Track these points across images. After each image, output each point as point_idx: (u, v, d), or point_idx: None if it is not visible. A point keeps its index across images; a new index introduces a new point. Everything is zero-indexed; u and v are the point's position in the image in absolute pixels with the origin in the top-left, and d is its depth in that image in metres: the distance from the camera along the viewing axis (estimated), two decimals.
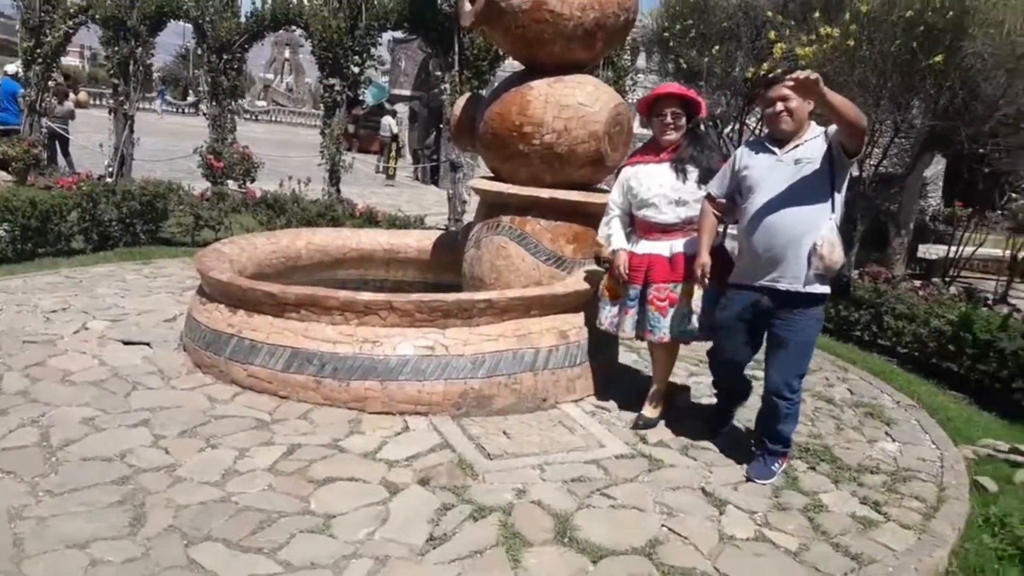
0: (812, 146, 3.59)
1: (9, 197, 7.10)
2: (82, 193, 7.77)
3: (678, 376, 5.02)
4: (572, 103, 4.65)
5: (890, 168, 9.80)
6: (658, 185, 4.07)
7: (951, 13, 7.41)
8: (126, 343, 5.07)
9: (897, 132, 8.79)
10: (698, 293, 3.94)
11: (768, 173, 3.63)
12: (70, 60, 47.22)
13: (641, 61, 12.88)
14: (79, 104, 16.71)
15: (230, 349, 4.44)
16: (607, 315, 4.33)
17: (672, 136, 4.13)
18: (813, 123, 3.66)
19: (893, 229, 10.23)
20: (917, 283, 7.78)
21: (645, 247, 4.15)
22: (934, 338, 6.28)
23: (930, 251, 11.87)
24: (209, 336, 4.59)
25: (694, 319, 3.98)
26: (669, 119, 4.09)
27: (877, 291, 6.89)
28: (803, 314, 3.60)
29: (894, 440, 4.58)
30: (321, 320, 4.28)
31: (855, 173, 9.38)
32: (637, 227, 4.23)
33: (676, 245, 4.07)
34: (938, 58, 7.30)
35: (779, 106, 3.57)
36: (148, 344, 5.06)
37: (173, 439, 3.71)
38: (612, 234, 4.27)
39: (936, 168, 13.63)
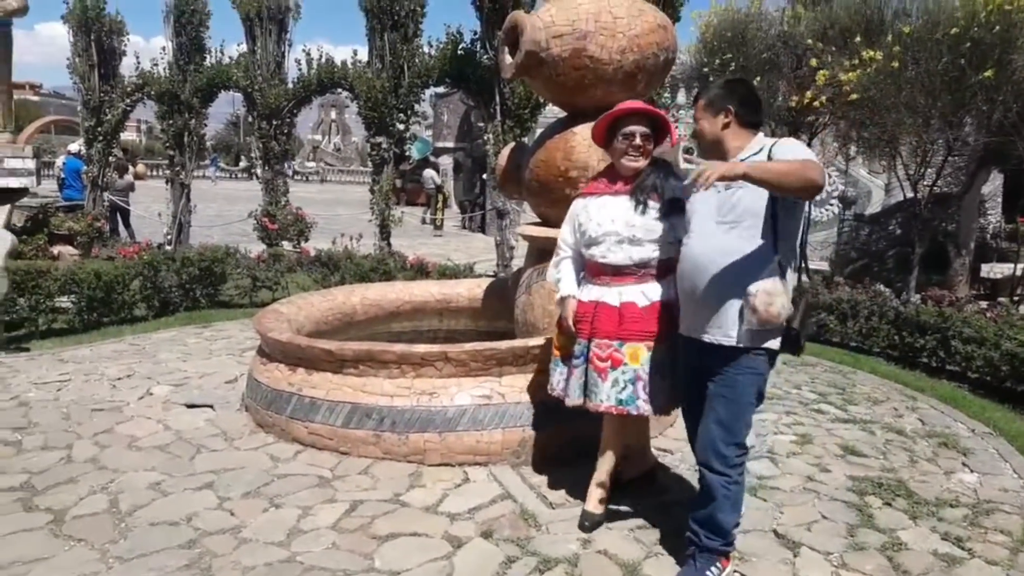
0: None
1: (75, 270, 7.36)
2: (143, 262, 8.03)
3: None
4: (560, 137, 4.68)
5: (945, 188, 9.56)
6: (609, 220, 3.35)
7: (998, 27, 7.27)
8: (189, 406, 5.17)
9: (951, 151, 8.59)
10: (645, 355, 3.26)
11: (700, 201, 2.99)
12: (127, 135, 49.31)
13: (681, 97, 12.91)
14: (137, 176, 17.38)
15: (291, 407, 4.49)
16: (556, 378, 3.59)
17: (639, 163, 3.38)
18: (759, 136, 3.03)
19: (953, 250, 9.98)
20: (983, 304, 7.53)
21: (593, 293, 3.42)
22: (1006, 361, 6.04)
23: (994, 270, 11.47)
24: (270, 395, 4.66)
25: (639, 387, 3.25)
26: (639, 140, 3.34)
27: (942, 315, 6.67)
28: (736, 367, 2.90)
29: (972, 471, 4.38)
30: (379, 374, 4.31)
31: (911, 194, 9.20)
32: (587, 269, 3.52)
33: (627, 293, 3.32)
34: (988, 73, 7.15)
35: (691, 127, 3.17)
36: (211, 406, 5.15)
37: (237, 500, 3.74)
38: (561, 278, 3.55)
39: (994, 185, 13.28)
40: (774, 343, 2.88)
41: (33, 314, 7.04)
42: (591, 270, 3.47)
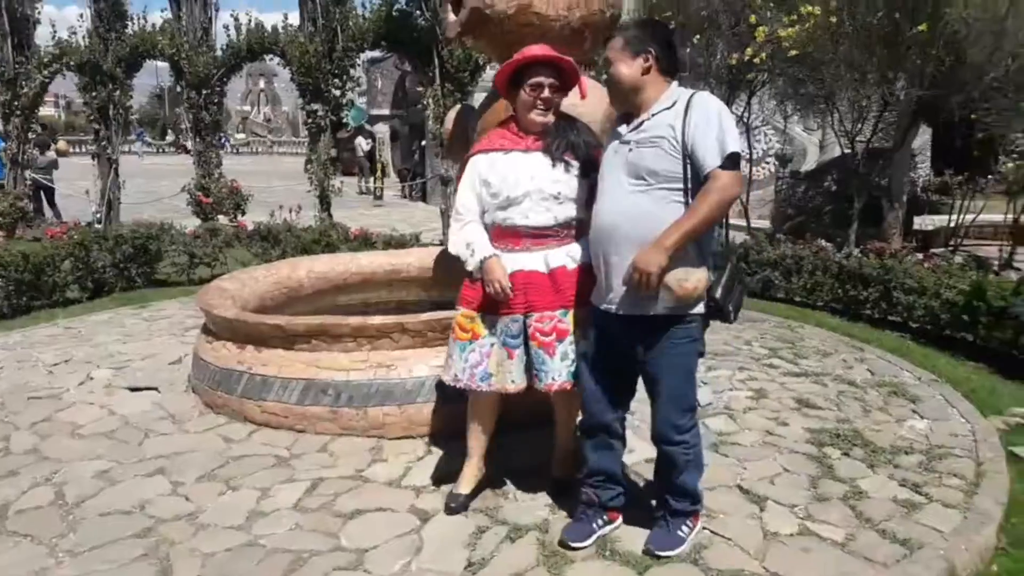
0: (661, 121, 2.66)
1: (1, 253, 6.98)
2: (74, 242, 7.67)
3: None
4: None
5: (877, 143, 9.75)
6: (528, 178, 2.98)
7: None
8: (133, 390, 4.97)
9: (886, 106, 8.75)
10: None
11: (610, 161, 2.81)
12: (46, 111, 47.17)
13: None
14: (60, 153, 16.63)
15: (242, 386, 4.34)
16: (464, 365, 3.10)
17: (546, 117, 3.02)
18: (674, 85, 2.77)
19: (886, 203, 10.20)
20: (919, 256, 7.73)
21: (516, 261, 3.02)
22: (946, 309, 6.21)
23: (925, 222, 11.82)
24: (218, 375, 4.50)
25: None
26: (547, 92, 2.97)
27: (884, 267, 6.83)
28: (669, 339, 2.72)
29: (923, 417, 4.50)
30: (333, 349, 4.19)
31: (847, 150, 9.36)
32: (494, 237, 3.08)
33: (553, 257, 3.02)
34: (922, 27, 7.26)
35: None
36: (156, 389, 4.96)
37: (192, 485, 3.60)
38: (472, 242, 3.04)
39: (923, 139, 13.62)
40: (701, 308, 2.71)
41: None
42: (502, 236, 3.05)
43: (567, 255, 3.03)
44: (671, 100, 2.69)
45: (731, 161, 2.57)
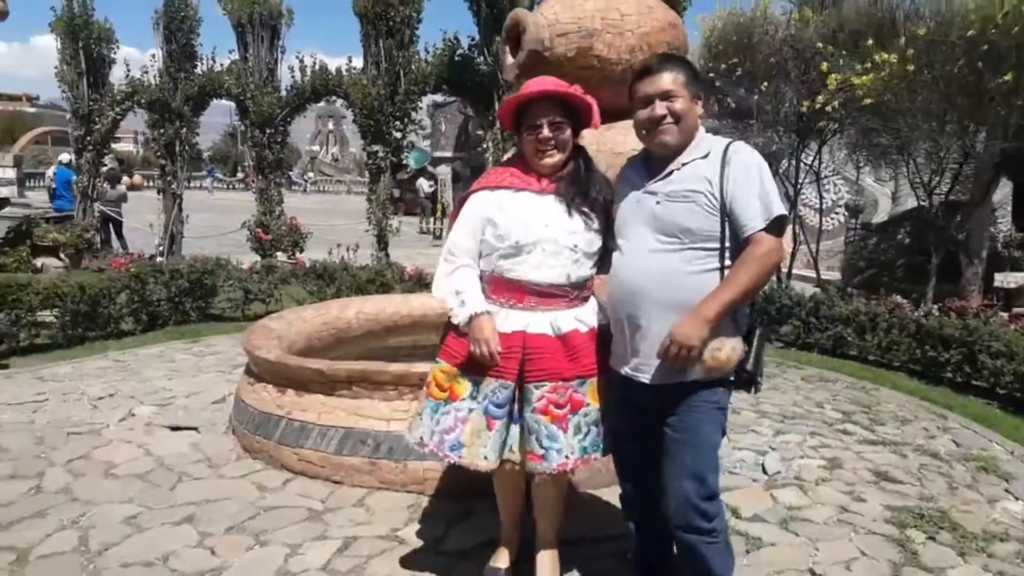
0: (694, 173, 2.36)
1: (58, 283, 7.04)
2: (130, 275, 7.70)
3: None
4: (625, 150, 4.27)
5: (953, 195, 9.27)
6: (542, 225, 2.56)
7: (1016, 28, 6.99)
8: (173, 429, 4.84)
9: (967, 157, 8.30)
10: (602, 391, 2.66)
11: (632, 212, 2.48)
12: (124, 146, 49.10)
13: None
14: (133, 187, 17.09)
15: (280, 432, 4.16)
16: (434, 428, 2.65)
17: (554, 158, 2.61)
18: (702, 131, 2.48)
19: (964, 259, 9.66)
20: (1005, 316, 7.22)
21: (517, 320, 2.58)
22: None
23: (1008, 280, 11.17)
24: (258, 418, 4.33)
25: (601, 429, 2.65)
26: (546, 132, 2.57)
27: (967, 328, 6.36)
28: (694, 405, 2.38)
29: (1017, 498, 4.06)
30: (374, 396, 3.98)
31: (923, 203, 8.90)
32: (492, 289, 2.65)
33: (563, 320, 2.59)
34: (1008, 76, 6.86)
35: (659, 108, 2.37)
36: (196, 429, 4.83)
37: (220, 536, 3.41)
38: (463, 290, 2.58)
39: (1004, 192, 12.99)
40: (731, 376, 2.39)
41: (13, 329, 6.70)
42: (503, 290, 2.61)
43: (576, 319, 2.60)
44: (704, 149, 2.39)
45: (777, 225, 2.27)
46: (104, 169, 13.79)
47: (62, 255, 10.00)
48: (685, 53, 4.67)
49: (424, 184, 26.61)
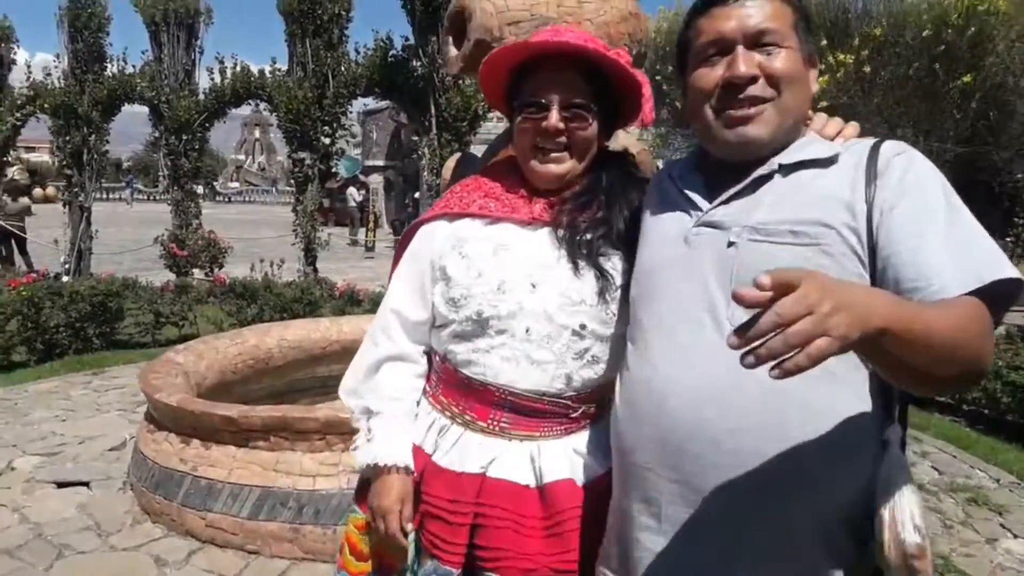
0: (813, 189, 1.24)
1: None
2: (22, 298, 6.83)
3: None
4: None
5: None
6: (526, 284, 1.46)
7: (972, 29, 6.76)
8: (59, 485, 4.12)
9: None
10: None
11: (674, 264, 1.31)
12: (38, 156, 46.65)
13: None
14: (47, 199, 15.90)
15: (183, 492, 3.51)
16: None
17: (562, 166, 1.50)
18: (820, 119, 1.39)
19: None
20: None
21: (472, 453, 1.49)
22: (1009, 392, 5.43)
23: None
24: (158, 475, 3.66)
25: None
26: (555, 118, 1.45)
27: None
28: None
29: (1016, 536, 3.70)
30: (296, 448, 3.37)
31: None
32: (443, 390, 1.56)
33: (551, 458, 1.48)
34: (967, 79, 6.61)
35: (742, 61, 1.24)
36: (86, 484, 4.12)
37: None
38: (377, 410, 1.56)
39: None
40: None
41: None
42: (458, 395, 1.51)
43: (576, 455, 1.48)
44: (824, 149, 1.26)
45: (1004, 297, 1.11)
46: (4, 179, 12.70)
47: None
48: (646, 47, 4.19)
49: (354, 193, 25.81)
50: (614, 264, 1.47)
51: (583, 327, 1.43)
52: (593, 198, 1.51)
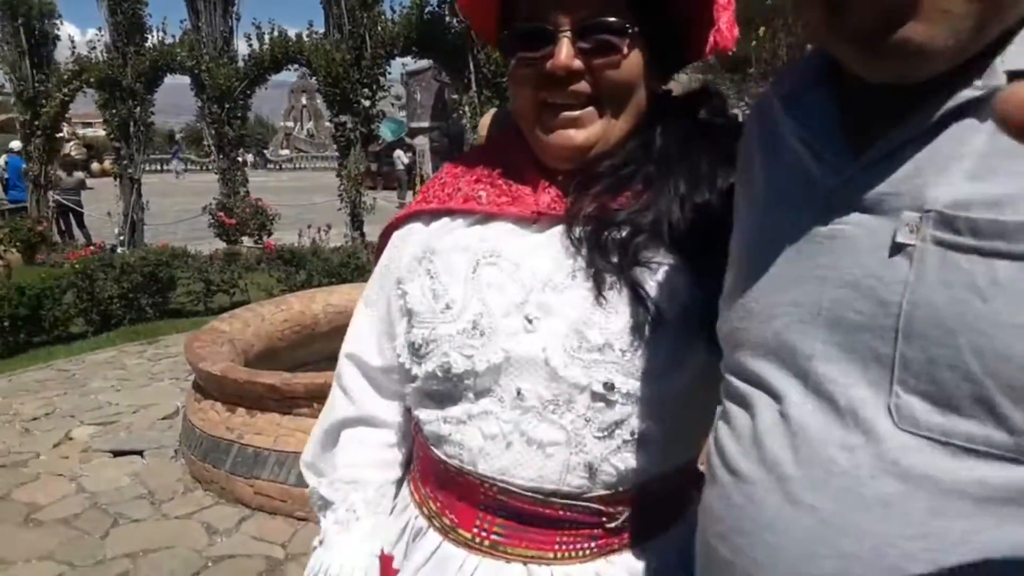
0: None
1: None
2: (75, 271, 6.96)
3: None
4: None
5: None
6: (513, 304, 0.90)
7: None
8: (114, 454, 4.20)
9: None
10: None
11: (784, 281, 0.66)
12: (94, 131, 47.68)
13: None
14: (105, 172, 16.20)
15: (231, 460, 3.52)
16: None
17: (584, 130, 0.90)
18: None
19: None
20: None
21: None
22: None
23: None
24: (206, 443, 3.69)
25: None
26: (566, 53, 0.85)
27: None
28: None
29: None
30: None
31: None
32: (421, 475, 1.03)
33: None
34: None
35: None
36: (140, 454, 4.18)
37: None
38: (326, 493, 1.10)
39: None
40: None
41: None
42: (432, 481, 1.00)
43: None
44: None
45: None
46: (60, 155, 12.96)
47: (3, 253, 9.20)
48: None
49: (402, 156, 25.76)
50: (667, 281, 0.87)
51: (610, 387, 0.86)
52: (635, 173, 0.92)
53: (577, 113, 0.89)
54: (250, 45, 11.02)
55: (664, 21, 0.90)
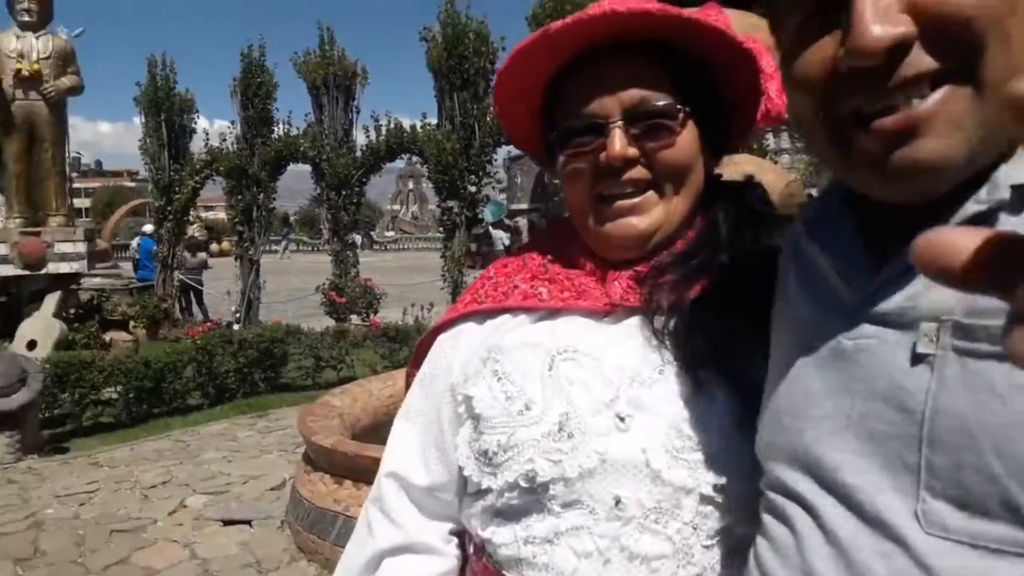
0: None
1: (122, 359, 6.76)
2: (196, 347, 7.38)
3: None
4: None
5: None
6: (602, 402, 0.84)
7: None
8: (225, 523, 4.34)
9: None
10: None
11: (815, 396, 0.67)
12: (215, 214, 50.95)
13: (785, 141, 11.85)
14: (223, 253, 17.22)
15: (336, 531, 3.59)
16: None
17: (646, 217, 0.88)
18: None
19: None
20: None
21: None
22: None
23: None
24: (313, 514, 3.78)
25: None
26: (619, 144, 0.84)
27: None
28: None
29: None
30: None
31: None
32: None
33: None
34: None
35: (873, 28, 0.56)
36: (249, 523, 4.31)
37: None
38: None
39: None
40: None
41: (76, 409, 6.43)
42: None
43: None
44: None
45: None
46: (185, 237, 13.89)
47: (132, 328, 9.84)
48: None
49: (502, 236, 26.35)
50: (762, 372, 0.78)
51: (719, 488, 0.80)
52: (711, 257, 0.88)
53: (637, 200, 0.87)
54: (367, 136, 11.69)
55: (712, 97, 0.90)
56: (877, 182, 0.61)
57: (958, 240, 0.31)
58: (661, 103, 0.85)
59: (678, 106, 0.85)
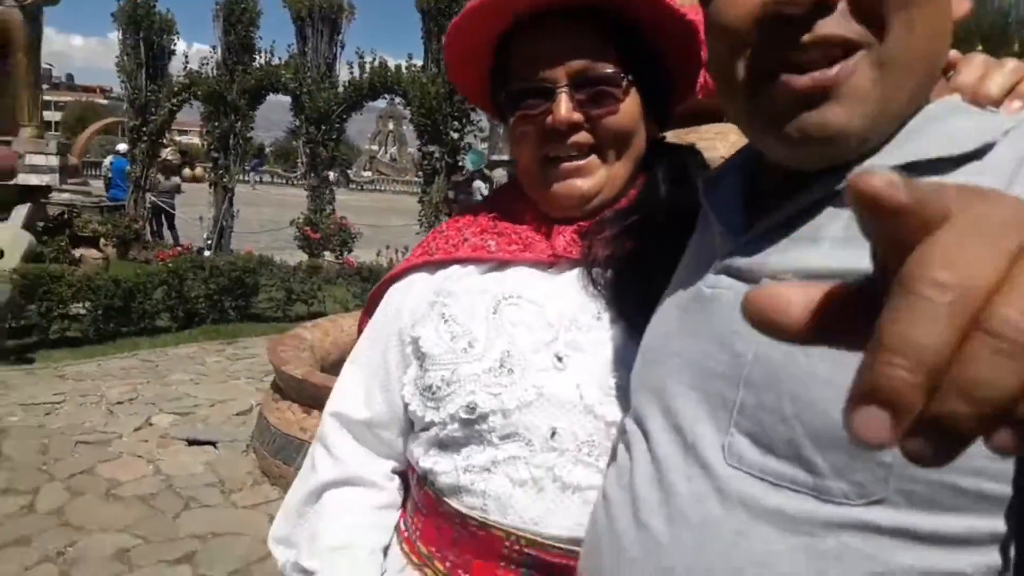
0: None
1: (92, 276, 6.73)
2: (168, 270, 7.36)
3: None
4: (714, 156, 3.76)
5: None
6: (542, 342, 0.90)
7: None
8: (190, 443, 4.42)
9: None
10: None
11: (672, 336, 0.76)
12: (190, 139, 50.04)
13: None
14: (195, 179, 17.03)
15: (300, 457, 3.67)
16: None
17: (589, 179, 0.94)
18: (951, 100, 0.68)
19: None
20: None
21: None
22: None
23: None
24: (279, 440, 3.88)
25: None
26: (565, 108, 0.88)
27: None
28: None
29: None
30: None
31: None
32: (423, 534, 0.95)
33: None
34: None
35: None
36: (214, 444, 4.39)
37: None
38: (306, 562, 0.98)
39: None
40: None
41: (43, 321, 6.42)
42: (441, 538, 0.92)
43: None
44: (965, 132, 0.62)
45: None
46: (159, 160, 13.70)
47: (102, 246, 9.77)
48: None
49: (480, 186, 26.33)
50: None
51: None
52: (649, 215, 0.94)
53: (581, 162, 0.92)
54: (351, 72, 11.54)
55: (655, 67, 0.94)
56: (778, 144, 0.66)
57: (787, 294, 0.33)
58: (606, 71, 0.89)
59: (622, 74, 0.90)
